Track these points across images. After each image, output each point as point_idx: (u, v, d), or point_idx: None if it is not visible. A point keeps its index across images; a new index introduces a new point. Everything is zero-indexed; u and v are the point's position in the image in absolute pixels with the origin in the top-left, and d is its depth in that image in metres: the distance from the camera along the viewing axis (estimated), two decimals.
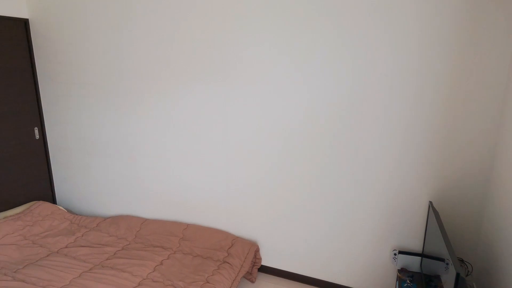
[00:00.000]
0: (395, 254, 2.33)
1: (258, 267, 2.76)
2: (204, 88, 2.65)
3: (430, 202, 2.08)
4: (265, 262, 2.80)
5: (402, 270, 2.30)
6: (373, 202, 2.37)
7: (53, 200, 3.61)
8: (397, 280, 2.25)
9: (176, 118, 2.81)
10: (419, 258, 2.29)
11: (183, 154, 2.86)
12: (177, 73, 2.71)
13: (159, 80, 2.79)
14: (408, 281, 2.17)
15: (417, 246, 2.34)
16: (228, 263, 2.52)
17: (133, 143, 3.04)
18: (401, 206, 2.31)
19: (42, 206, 3.22)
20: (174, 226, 2.93)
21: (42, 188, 3.51)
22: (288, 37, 2.33)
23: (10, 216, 3.01)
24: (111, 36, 2.87)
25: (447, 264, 1.59)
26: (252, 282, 2.74)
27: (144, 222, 3.05)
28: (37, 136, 3.41)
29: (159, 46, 2.71)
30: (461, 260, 2.11)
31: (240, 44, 2.46)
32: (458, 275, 1.39)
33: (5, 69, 3.07)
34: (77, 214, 3.32)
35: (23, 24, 3.18)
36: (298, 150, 2.49)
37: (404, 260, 2.31)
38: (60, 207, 3.31)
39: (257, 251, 2.74)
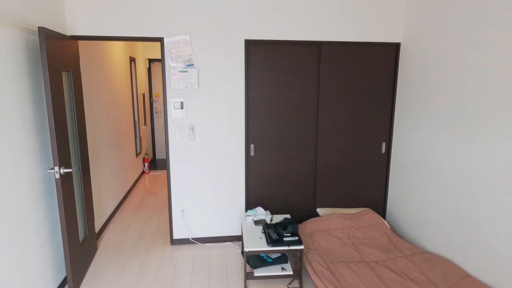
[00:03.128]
0: None
1: None
2: None
3: None
4: None
5: None
6: None
7: (382, 212, 3.80)
8: None
9: None
10: None
11: None
12: None
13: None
14: None
15: None
16: None
17: (472, 178, 2.53)
18: None
19: (370, 215, 3.46)
20: None
21: (376, 198, 3.77)
22: None
23: (344, 214, 3.48)
24: (478, 61, 2.48)
25: None
26: None
27: (466, 278, 2.49)
28: (383, 151, 3.67)
29: None
30: None
31: None
32: None
33: (372, 88, 3.52)
34: (397, 235, 3.28)
35: (394, 48, 3.46)
36: None
37: None
38: (385, 222, 3.41)
39: None
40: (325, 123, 3.53)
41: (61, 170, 2.49)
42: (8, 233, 2.10)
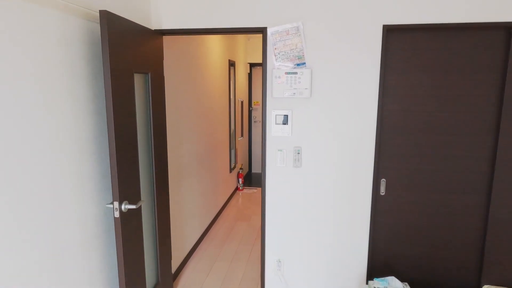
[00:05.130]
0: None
1: None
2: None
3: None
4: None
5: None
6: None
7: None
8: None
9: None
10: None
11: None
12: None
13: None
14: None
15: None
16: None
17: None
18: None
19: None
20: None
21: None
22: None
23: None
24: None
25: None
26: None
27: None
28: None
29: None
30: None
31: None
32: None
33: None
34: None
35: None
36: None
37: None
38: None
39: None
40: (511, 153, 2.21)
41: (123, 206, 1.84)
42: None
